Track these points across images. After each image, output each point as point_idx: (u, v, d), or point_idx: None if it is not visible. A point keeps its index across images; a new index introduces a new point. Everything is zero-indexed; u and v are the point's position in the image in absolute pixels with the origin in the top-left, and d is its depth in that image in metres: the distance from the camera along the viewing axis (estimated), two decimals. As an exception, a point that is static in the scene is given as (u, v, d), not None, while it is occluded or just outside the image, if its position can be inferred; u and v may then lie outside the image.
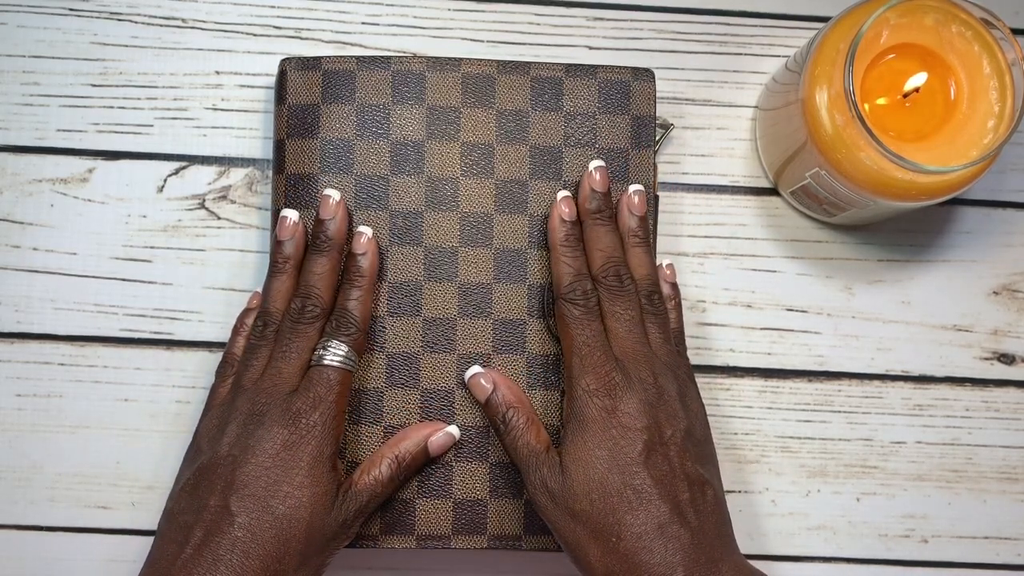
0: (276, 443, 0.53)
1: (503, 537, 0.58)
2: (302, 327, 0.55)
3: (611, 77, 0.61)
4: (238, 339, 0.58)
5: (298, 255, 0.57)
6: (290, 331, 0.55)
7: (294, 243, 0.57)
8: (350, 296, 0.56)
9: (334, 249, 0.56)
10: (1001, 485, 0.64)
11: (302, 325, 0.55)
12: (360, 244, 0.57)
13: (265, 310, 0.56)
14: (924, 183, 0.56)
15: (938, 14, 0.57)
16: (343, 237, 0.57)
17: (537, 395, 0.59)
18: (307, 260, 0.56)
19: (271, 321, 0.56)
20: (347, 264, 0.57)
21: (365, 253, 0.57)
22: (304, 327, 0.55)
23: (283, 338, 0.55)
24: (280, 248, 0.57)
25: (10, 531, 0.61)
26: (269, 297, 0.56)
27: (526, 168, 0.60)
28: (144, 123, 0.64)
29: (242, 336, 0.57)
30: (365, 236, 0.57)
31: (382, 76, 0.60)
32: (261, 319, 0.56)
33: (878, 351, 0.64)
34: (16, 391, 0.62)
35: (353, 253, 0.57)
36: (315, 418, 0.53)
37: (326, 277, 0.56)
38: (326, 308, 0.56)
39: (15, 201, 0.63)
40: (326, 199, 0.57)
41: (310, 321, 0.55)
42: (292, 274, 0.57)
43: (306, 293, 0.55)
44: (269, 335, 0.56)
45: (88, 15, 0.64)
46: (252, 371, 0.55)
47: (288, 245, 0.57)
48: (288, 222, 0.57)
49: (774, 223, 0.65)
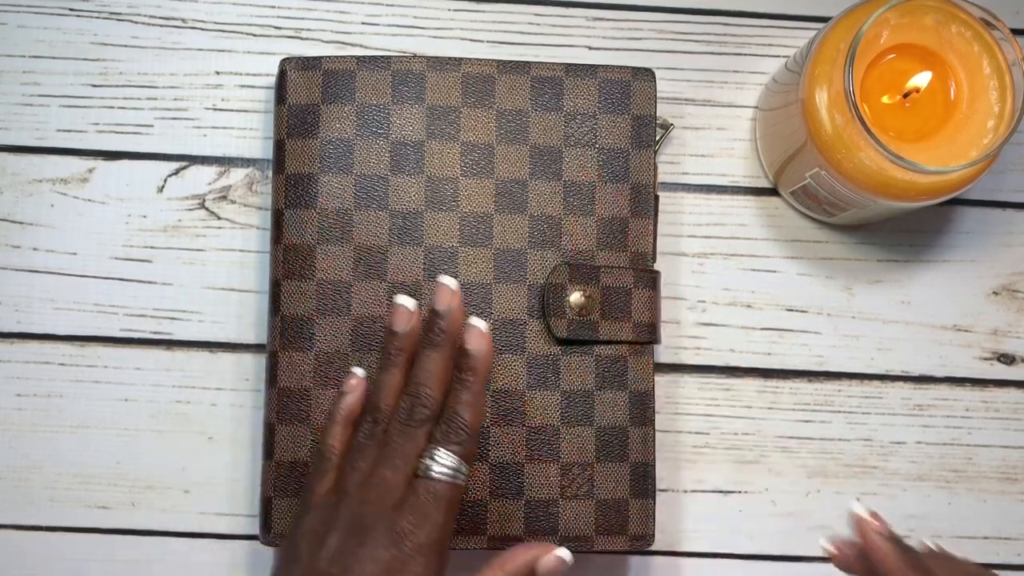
0: (379, 567, 0.48)
1: (503, 537, 0.58)
2: (411, 430, 0.51)
3: (611, 77, 0.61)
4: (335, 428, 0.54)
5: (412, 347, 0.53)
6: (399, 434, 0.51)
7: (410, 335, 0.53)
8: (460, 398, 0.51)
9: (449, 344, 0.51)
10: (1001, 485, 0.64)
11: (411, 428, 0.51)
12: (472, 339, 0.51)
13: (375, 406, 0.52)
14: (924, 183, 0.56)
15: (938, 14, 0.57)
16: (459, 330, 0.52)
17: (537, 395, 0.59)
18: (420, 354, 0.52)
19: (380, 419, 0.52)
20: (458, 360, 0.51)
21: (478, 350, 0.51)
22: (413, 430, 0.51)
23: (391, 441, 0.51)
24: (393, 339, 0.52)
25: (10, 531, 0.61)
26: (380, 392, 0.52)
27: (526, 168, 0.60)
28: (144, 123, 0.64)
29: (339, 425, 0.54)
30: (478, 330, 0.51)
31: (382, 76, 0.60)
32: (371, 416, 0.52)
33: (878, 351, 0.64)
34: (16, 391, 0.62)
35: (464, 348, 0.51)
36: (421, 539, 0.49)
37: (438, 375, 0.51)
38: (436, 409, 0.51)
39: (15, 201, 0.63)
40: (444, 288, 0.52)
41: (419, 424, 0.51)
42: (404, 368, 0.52)
43: (415, 392, 0.51)
44: (377, 434, 0.52)
45: (88, 15, 0.64)
46: (357, 474, 0.51)
47: (403, 337, 0.52)
48: (404, 311, 0.52)
49: (774, 223, 0.65)
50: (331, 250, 0.59)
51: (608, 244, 0.60)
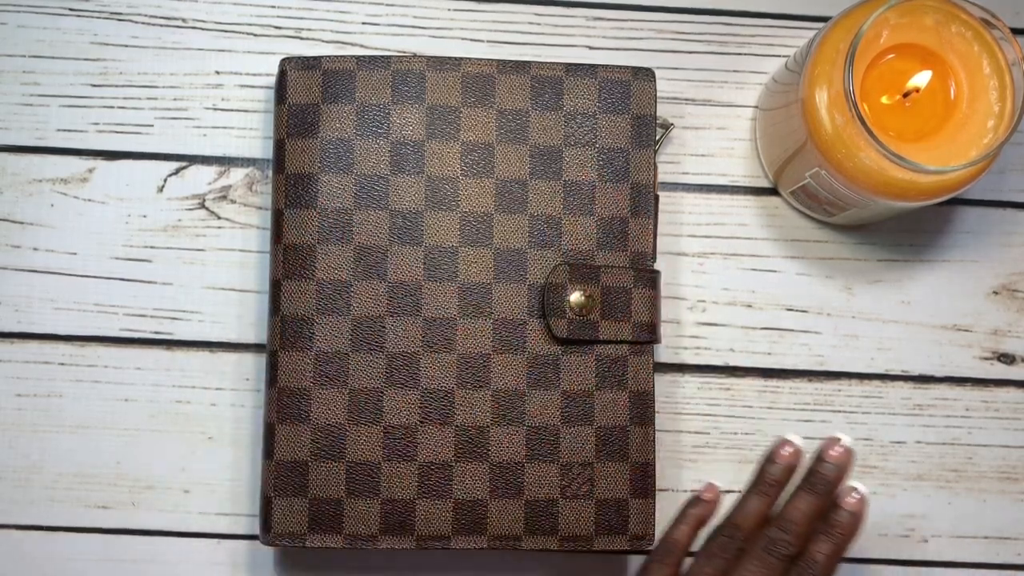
0: None
1: (503, 537, 0.58)
2: (770, 560, 0.53)
3: (611, 77, 0.61)
4: (683, 527, 0.55)
5: (785, 481, 0.55)
6: (757, 559, 0.53)
7: (787, 469, 0.55)
8: (822, 548, 0.53)
9: (826, 494, 0.54)
10: (1001, 485, 0.64)
11: (770, 559, 0.53)
12: (854, 501, 0.53)
13: (735, 524, 0.54)
14: (924, 183, 0.56)
15: (938, 14, 0.57)
16: (840, 483, 0.54)
17: (536, 395, 0.59)
18: (797, 493, 0.54)
19: (737, 537, 0.54)
20: (832, 514, 0.54)
21: (856, 512, 0.53)
22: (772, 561, 0.53)
23: (747, 563, 0.53)
24: (771, 468, 0.55)
25: (10, 531, 0.61)
26: (743, 514, 0.54)
27: (526, 168, 0.60)
28: (144, 123, 0.64)
29: (688, 525, 0.56)
30: (857, 496, 0.54)
31: (382, 76, 0.60)
32: (728, 531, 0.54)
33: (878, 351, 0.64)
34: (16, 391, 0.62)
35: (841, 507, 0.53)
36: None
37: (809, 518, 0.54)
38: (799, 549, 0.53)
39: (15, 201, 0.63)
40: (832, 442, 0.55)
41: (780, 558, 0.53)
42: (772, 498, 0.55)
43: (786, 528, 0.53)
44: (731, 549, 0.54)
45: (88, 15, 0.64)
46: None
47: (782, 470, 0.55)
48: (791, 448, 0.55)
49: (774, 223, 0.65)
50: (331, 250, 0.59)
51: (608, 244, 0.60)
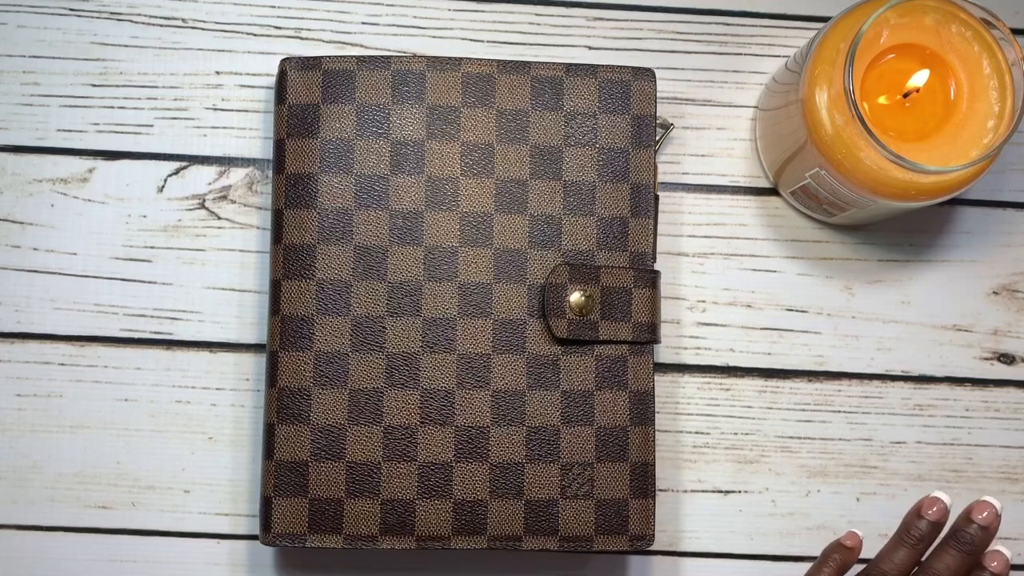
0: None
1: (503, 537, 0.58)
2: None
3: (611, 77, 0.61)
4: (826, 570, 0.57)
5: (932, 537, 0.56)
6: None
7: (936, 525, 0.56)
8: None
9: (973, 554, 0.55)
10: (1001, 485, 0.64)
11: None
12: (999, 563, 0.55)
13: (884, 572, 0.55)
14: (924, 183, 0.56)
15: (938, 14, 0.57)
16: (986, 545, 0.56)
17: (536, 395, 0.59)
18: (943, 548, 0.55)
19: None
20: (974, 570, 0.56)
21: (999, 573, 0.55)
22: None
23: None
24: (919, 523, 0.56)
25: (10, 531, 0.61)
26: (888, 563, 0.56)
27: (526, 168, 0.60)
28: (144, 123, 0.64)
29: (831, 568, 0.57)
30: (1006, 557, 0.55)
31: (382, 76, 0.60)
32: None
33: (878, 351, 0.64)
34: (16, 391, 0.62)
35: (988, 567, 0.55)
36: None
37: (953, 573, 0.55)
38: None
39: (15, 201, 0.63)
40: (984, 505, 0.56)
41: None
42: (919, 552, 0.56)
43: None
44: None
45: (88, 15, 0.64)
46: None
47: (930, 526, 0.56)
48: (941, 505, 0.56)
49: (774, 223, 0.65)
50: (331, 250, 0.59)
51: (608, 244, 0.60)
